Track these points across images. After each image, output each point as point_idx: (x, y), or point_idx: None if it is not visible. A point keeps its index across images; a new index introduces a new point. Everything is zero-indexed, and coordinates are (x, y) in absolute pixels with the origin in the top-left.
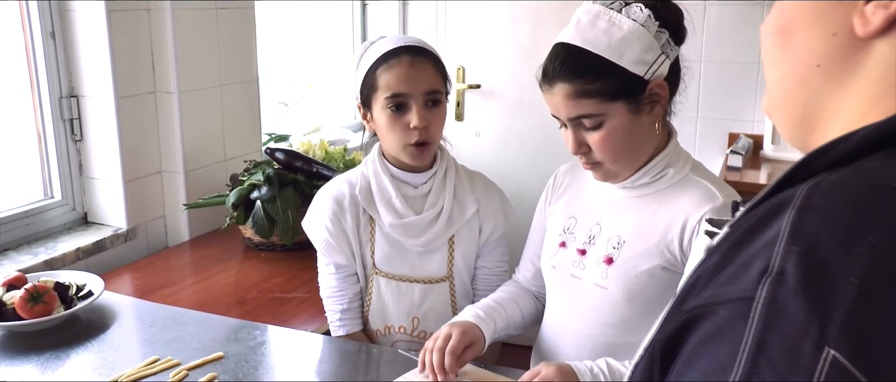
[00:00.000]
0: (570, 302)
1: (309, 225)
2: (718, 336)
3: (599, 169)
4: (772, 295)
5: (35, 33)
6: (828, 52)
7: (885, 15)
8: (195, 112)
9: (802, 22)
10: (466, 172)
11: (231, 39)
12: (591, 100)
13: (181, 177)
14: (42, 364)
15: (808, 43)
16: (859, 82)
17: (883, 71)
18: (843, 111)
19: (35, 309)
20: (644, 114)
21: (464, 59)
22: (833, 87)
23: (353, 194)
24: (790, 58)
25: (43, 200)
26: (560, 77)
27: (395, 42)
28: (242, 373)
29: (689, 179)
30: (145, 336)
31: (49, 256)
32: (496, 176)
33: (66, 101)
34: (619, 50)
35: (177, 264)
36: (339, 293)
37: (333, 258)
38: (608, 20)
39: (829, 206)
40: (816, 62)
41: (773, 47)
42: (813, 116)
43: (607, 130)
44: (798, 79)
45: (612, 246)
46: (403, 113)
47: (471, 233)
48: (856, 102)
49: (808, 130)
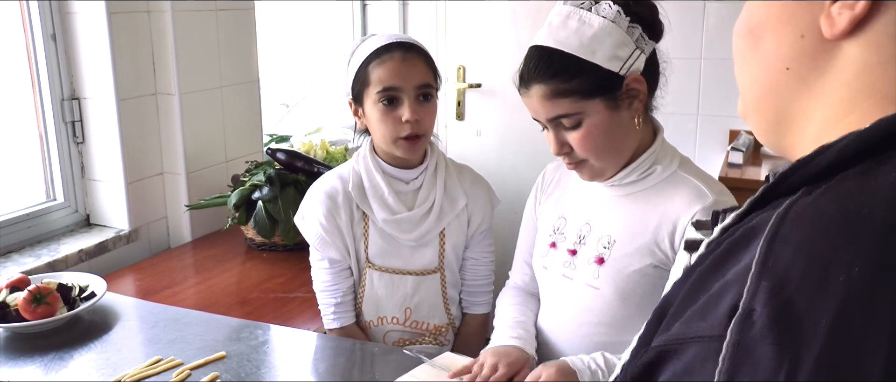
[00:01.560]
0: (563, 302)
1: (302, 220)
2: (688, 376)
3: (584, 167)
4: (740, 338)
5: (36, 35)
6: (797, 54)
7: (850, 16)
8: (196, 113)
9: (771, 23)
10: (455, 166)
11: (231, 40)
12: (567, 100)
13: (183, 178)
14: (45, 365)
15: (776, 45)
16: (831, 85)
17: (854, 73)
18: (816, 115)
19: (38, 310)
20: (623, 109)
21: (464, 59)
22: (804, 91)
23: (346, 190)
24: (760, 60)
25: (45, 202)
26: (535, 79)
27: (386, 38)
28: (245, 373)
29: (678, 176)
30: (148, 336)
31: (52, 258)
32: (497, 174)
33: (67, 104)
34: (591, 47)
35: (179, 265)
36: (333, 287)
37: (327, 253)
38: (578, 19)
39: (800, 238)
40: (786, 65)
41: (743, 49)
42: (786, 120)
43: (587, 128)
44: (769, 82)
45: (603, 246)
46: (395, 106)
47: (460, 226)
48: (829, 106)
49: (782, 134)
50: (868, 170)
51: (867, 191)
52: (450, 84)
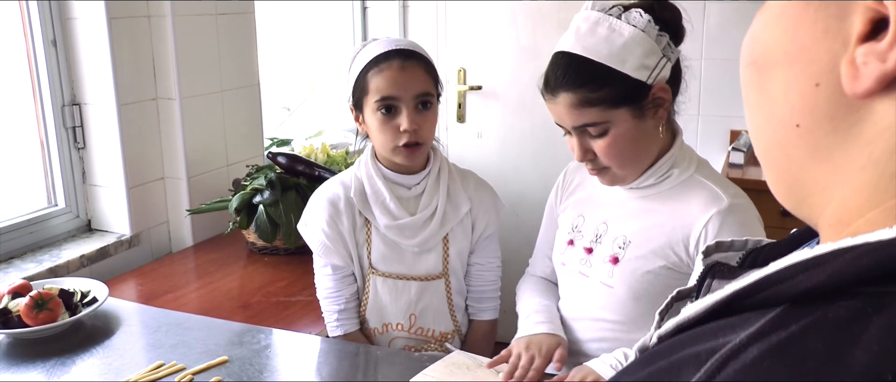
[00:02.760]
0: (579, 299)
1: (305, 227)
2: None
3: (606, 174)
4: None
5: (36, 41)
6: (810, 108)
7: (880, 70)
8: (197, 118)
9: (778, 58)
10: (458, 171)
11: (232, 45)
12: (595, 109)
13: (184, 182)
14: (47, 370)
15: (785, 91)
16: (855, 160)
17: (887, 150)
18: (835, 195)
19: (40, 316)
20: (648, 118)
21: (465, 61)
22: (819, 159)
23: (348, 196)
24: (764, 106)
25: (47, 208)
26: (563, 86)
27: (386, 45)
28: (247, 377)
29: (695, 180)
30: (150, 341)
31: (53, 263)
32: (498, 177)
33: (68, 109)
34: (621, 56)
35: (180, 269)
36: (337, 293)
37: (330, 260)
38: (608, 27)
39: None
40: (795, 121)
41: (747, 83)
42: (799, 188)
43: (612, 137)
44: (775, 139)
45: (618, 246)
46: (394, 115)
47: (464, 231)
48: (849, 188)
49: (799, 202)
50: (856, 319)
51: (830, 373)
52: (450, 86)
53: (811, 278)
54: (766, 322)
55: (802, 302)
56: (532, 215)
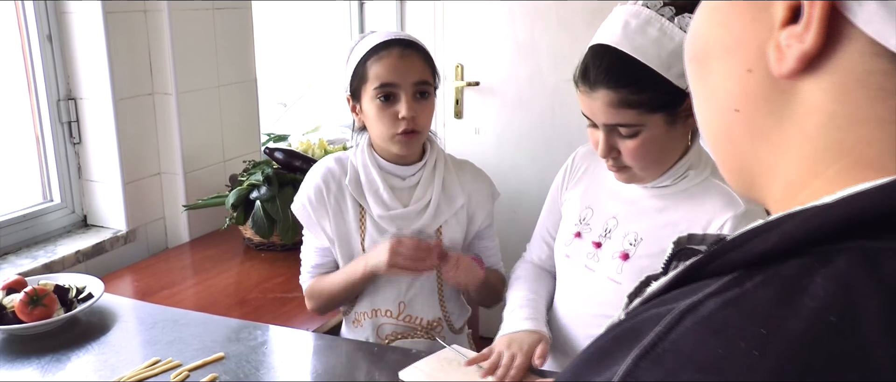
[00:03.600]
0: (583, 293)
1: (295, 201)
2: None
3: (626, 172)
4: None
5: (32, 36)
6: (746, 93)
7: (799, 51)
8: (193, 113)
9: (716, 50)
10: (455, 163)
11: (229, 40)
12: (632, 111)
13: (180, 178)
14: (42, 367)
15: (723, 79)
16: (792, 137)
17: (817, 125)
18: (779, 172)
19: (35, 312)
20: (679, 125)
21: (462, 57)
22: (760, 139)
23: (342, 181)
24: (709, 96)
25: (42, 203)
26: (604, 83)
27: (385, 35)
28: (243, 374)
29: (710, 183)
30: (146, 337)
31: (49, 259)
32: (496, 173)
33: (64, 104)
34: (668, 62)
35: (177, 265)
36: (313, 259)
37: (314, 233)
38: (660, 29)
39: (673, 365)
40: (734, 106)
41: (692, 78)
42: (747, 171)
43: (642, 140)
44: (720, 125)
45: (629, 243)
46: (392, 103)
47: (458, 223)
48: (791, 163)
49: (749, 186)
50: (804, 272)
51: (779, 318)
52: (448, 82)
53: (764, 242)
54: (723, 283)
55: (756, 265)
56: (530, 211)
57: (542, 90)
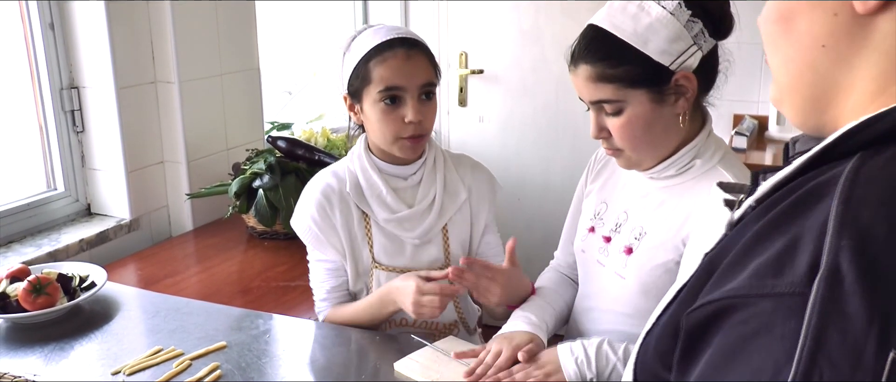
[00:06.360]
0: (594, 288)
1: (297, 221)
2: (765, 332)
3: (621, 156)
4: (829, 294)
5: (34, 25)
6: (831, 32)
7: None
8: (196, 101)
9: (802, 7)
10: (452, 157)
11: (231, 28)
12: (610, 85)
13: (183, 166)
14: (46, 355)
15: (810, 26)
16: (868, 59)
17: (890, 46)
18: (857, 87)
19: (38, 300)
20: (667, 104)
21: (466, 45)
22: (842, 67)
23: (343, 190)
24: (794, 42)
25: (46, 192)
26: (583, 58)
27: (385, 33)
28: (246, 362)
29: (716, 172)
30: (149, 326)
31: (52, 248)
32: (500, 161)
33: (66, 93)
34: (644, 36)
35: (180, 254)
36: (325, 283)
37: (323, 251)
38: (638, 5)
39: (877, 198)
40: (821, 43)
41: (774, 35)
42: (824, 97)
43: (627, 117)
44: (804, 61)
45: (634, 237)
46: (398, 106)
47: (463, 220)
48: (868, 80)
49: (820, 112)
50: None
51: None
52: (452, 70)
53: (885, 123)
54: (859, 157)
55: (881, 141)
56: (533, 199)
57: (547, 78)
